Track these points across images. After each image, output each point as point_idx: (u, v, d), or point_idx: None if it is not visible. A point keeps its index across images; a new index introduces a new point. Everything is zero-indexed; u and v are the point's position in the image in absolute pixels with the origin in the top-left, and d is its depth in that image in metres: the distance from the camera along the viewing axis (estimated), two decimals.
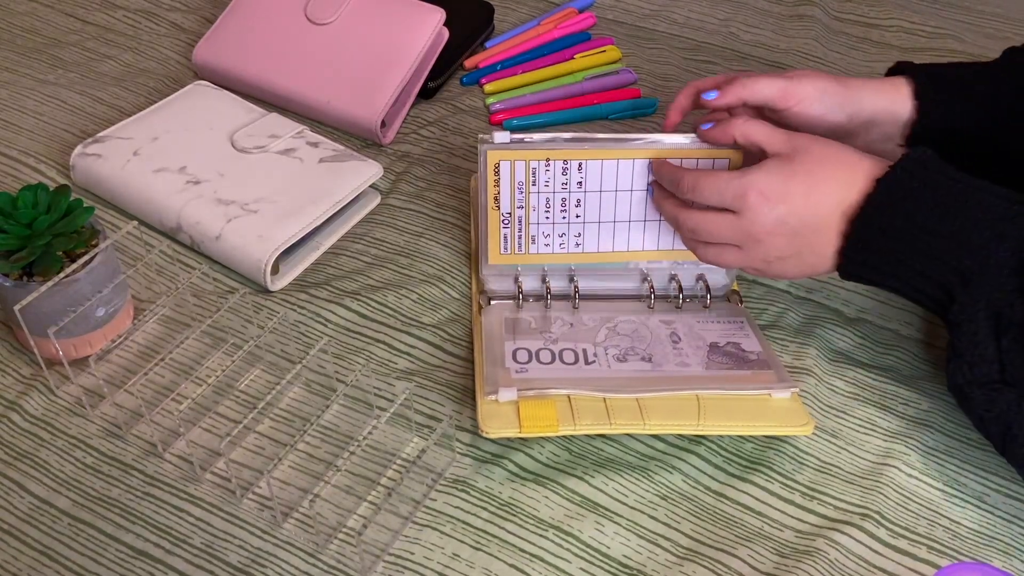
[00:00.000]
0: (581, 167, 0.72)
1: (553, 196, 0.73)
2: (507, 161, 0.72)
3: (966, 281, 0.58)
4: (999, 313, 0.57)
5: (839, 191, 0.62)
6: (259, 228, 0.77)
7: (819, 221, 0.63)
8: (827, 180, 0.63)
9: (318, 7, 0.94)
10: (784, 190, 0.63)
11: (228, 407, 0.69)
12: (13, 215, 0.66)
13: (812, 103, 0.69)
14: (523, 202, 0.73)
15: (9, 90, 0.97)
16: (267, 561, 0.60)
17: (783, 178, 0.63)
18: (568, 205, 0.73)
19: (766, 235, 0.63)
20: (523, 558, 0.60)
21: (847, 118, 0.71)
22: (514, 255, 0.74)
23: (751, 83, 0.69)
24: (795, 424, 0.65)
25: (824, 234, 0.63)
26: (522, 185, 0.72)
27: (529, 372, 0.67)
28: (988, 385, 0.57)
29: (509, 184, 0.72)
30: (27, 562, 0.60)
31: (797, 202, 0.63)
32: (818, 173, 0.63)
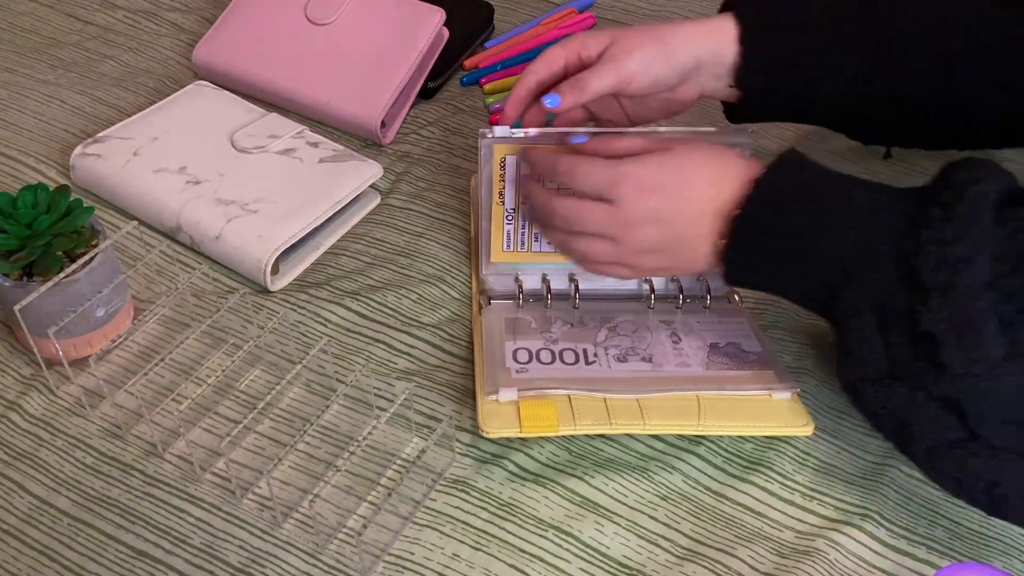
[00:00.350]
0: None
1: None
2: (514, 156, 0.72)
3: (849, 278, 0.57)
4: (884, 308, 0.55)
5: (712, 186, 0.62)
6: (259, 228, 0.77)
7: (693, 215, 0.63)
8: (700, 175, 0.63)
9: (318, 7, 0.94)
10: (658, 181, 0.63)
11: (228, 407, 0.69)
12: (13, 215, 0.66)
13: (642, 79, 0.69)
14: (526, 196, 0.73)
15: (9, 90, 0.97)
16: (267, 561, 0.60)
17: (657, 169, 0.63)
18: None
19: (639, 225, 0.63)
20: (523, 558, 0.60)
21: (677, 75, 0.70)
22: (516, 252, 0.74)
23: (585, 85, 0.68)
24: (796, 425, 0.65)
25: (698, 228, 0.63)
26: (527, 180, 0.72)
27: (529, 372, 0.67)
28: (879, 381, 0.56)
29: (515, 179, 0.73)
30: (27, 562, 0.60)
31: (670, 193, 0.63)
32: (691, 168, 0.63)
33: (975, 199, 0.54)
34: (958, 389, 0.53)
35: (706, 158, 0.64)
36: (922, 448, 0.56)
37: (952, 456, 0.55)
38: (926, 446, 0.56)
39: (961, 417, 0.53)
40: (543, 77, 0.71)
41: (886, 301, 0.56)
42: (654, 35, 0.70)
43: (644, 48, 0.69)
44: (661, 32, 0.70)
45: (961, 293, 0.52)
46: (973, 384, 0.52)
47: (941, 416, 0.54)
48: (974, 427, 0.53)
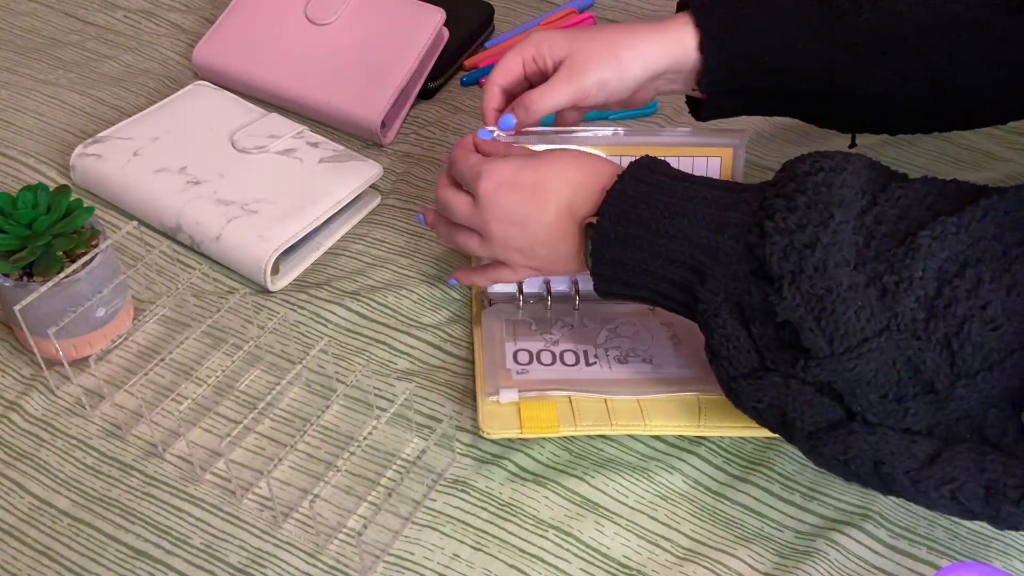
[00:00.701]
0: None
1: None
2: None
3: (702, 277, 0.57)
4: (741, 302, 0.56)
5: (565, 192, 0.63)
6: (259, 228, 0.77)
7: (549, 219, 0.63)
8: (558, 180, 0.63)
9: (318, 7, 0.94)
10: (514, 181, 0.63)
11: (228, 407, 0.69)
12: (13, 215, 0.66)
13: (597, 95, 0.70)
14: None
15: (9, 90, 0.97)
16: (267, 561, 0.60)
17: (515, 169, 0.64)
18: None
19: (496, 222, 0.64)
20: (523, 558, 0.60)
21: (631, 88, 0.71)
22: None
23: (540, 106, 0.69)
24: None
25: (557, 231, 0.63)
26: None
27: (530, 373, 0.67)
28: (751, 375, 0.56)
29: None
30: (27, 562, 0.60)
31: (527, 192, 0.63)
32: (548, 172, 0.63)
33: (815, 188, 0.54)
34: (827, 371, 0.52)
35: (566, 163, 0.64)
36: (804, 434, 0.55)
37: (834, 438, 0.54)
38: (807, 431, 0.55)
39: (836, 398, 0.53)
40: (504, 85, 0.72)
41: (742, 295, 0.56)
42: (611, 50, 0.69)
43: (599, 66, 0.69)
44: (617, 45, 0.69)
45: (810, 277, 0.52)
46: (840, 365, 0.52)
47: (817, 400, 0.54)
48: (850, 406, 0.53)
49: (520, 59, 0.72)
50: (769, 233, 0.54)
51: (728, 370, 0.57)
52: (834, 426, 0.54)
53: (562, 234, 0.63)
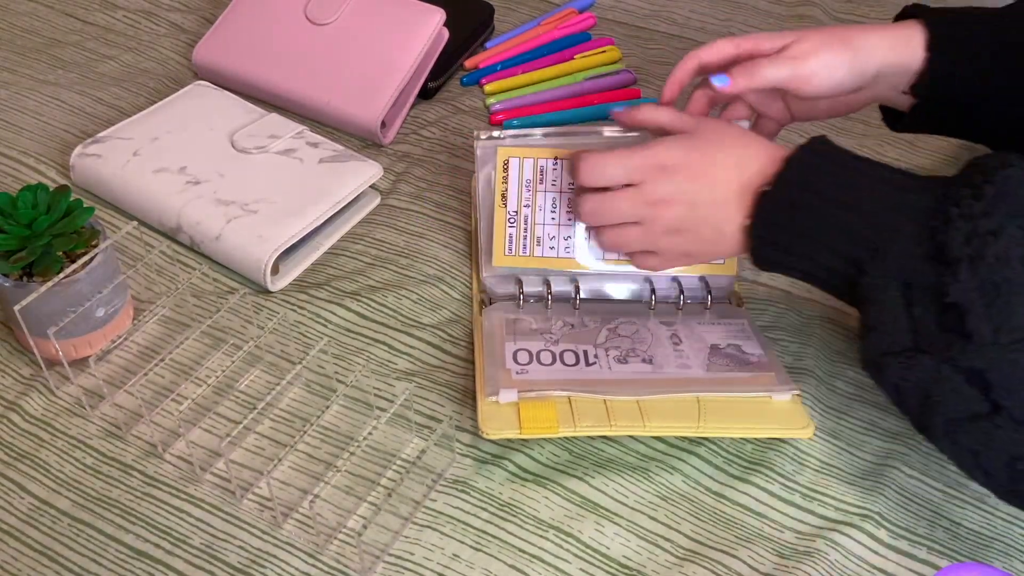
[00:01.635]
0: None
1: (560, 196, 0.73)
2: (516, 158, 0.72)
3: (875, 252, 0.58)
4: (909, 283, 0.56)
5: (738, 166, 0.63)
6: (259, 228, 0.77)
7: (718, 194, 0.63)
8: (726, 156, 0.64)
9: (318, 7, 0.94)
10: (683, 161, 0.64)
11: (228, 408, 0.69)
12: (13, 215, 0.66)
13: (822, 81, 0.67)
14: (530, 200, 0.73)
15: (9, 90, 0.97)
16: (267, 561, 0.60)
17: (683, 150, 0.64)
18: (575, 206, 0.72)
19: (664, 205, 0.64)
20: (523, 559, 0.60)
21: (858, 81, 0.68)
22: (518, 257, 0.74)
23: (758, 71, 0.67)
24: (796, 427, 0.65)
25: (724, 208, 0.63)
26: (530, 183, 0.73)
27: (530, 373, 0.67)
28: (903, 354, 0.57)
29: (517, 182, 0.73)
30: (27, 562, 0.60)
31: (695, 172, 0.63)
32: (716, 149, 0.64)
33: (1004, 180, 0.55)
34: (984, 360, 0.53)
35: (732, 139, 0.65)
36: (943, 421, 0.56)
37: (974, 429, 0.55)
38: (947, 418, 0.56)
39: (985, 389, 0.54)
40: (707, 62, 0.70)
41: (912, 275, 0.56)
42: (841, 38, 0.67)
43: (829, 50, 0.66)
44: (849, 35, 0.67)
45: (989, 264, 0.53)
46: (999, 355, 0.53)
47: (965, 388, 0.54)
48: (998, 399, 0.53)
49: (734, 45, 0.69)
50: (953, 218, 0.55)
51: (879, 345, 0.58)
52: (976, 417, 0.54)
53: (730, 211, 0.63)
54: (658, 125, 0.67)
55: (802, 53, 0.66)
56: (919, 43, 0.68)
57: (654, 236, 0.65)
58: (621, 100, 0.97)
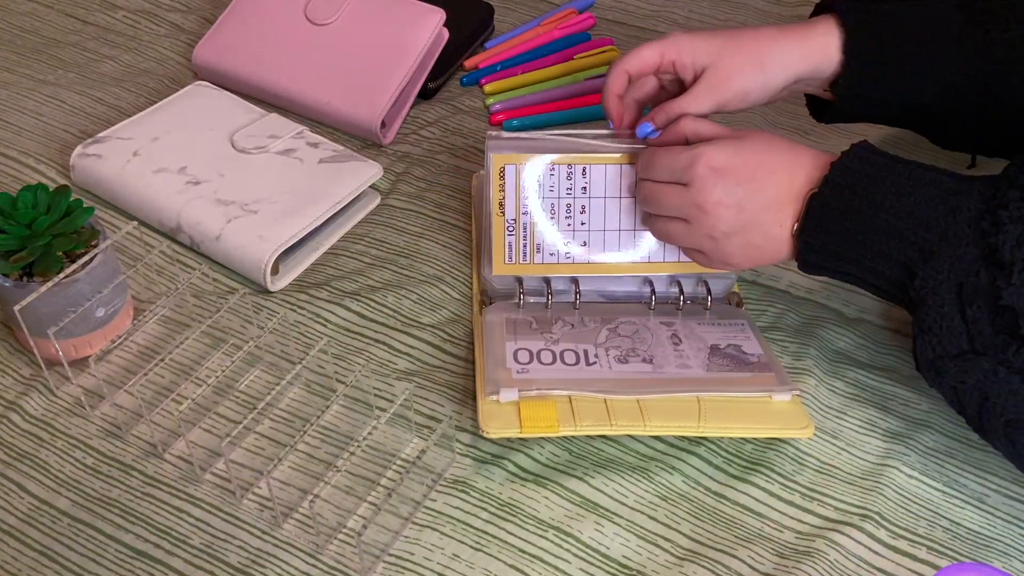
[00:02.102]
0: (585, 172, 0.72)
1: (558, 202, 0.73)
2: (512, 165, 0.72)
3: (927, 255, 0.58)
4: (962, 284, 0.57)
5: (786, 172, 0.64)
6: (259, 228, 0.77)
7: (766, 199, 0.63)
8: (774, 162, 0.64)
9: (318, 7, 0.94)
10: (732, 164, 0.64)
11: (228, 408, 0.69)
12: (13, 215, 0.66)
13: (738, 104, 0.71)
14: (528, 208, 0.73)
15: (9, 90, 0.97)
16: (267, 561, 0.60)
17: (731, 153, 0.64)
18: (573, 211, 0.73)
19: (712, 206, 0.64)
20: (523, 559, 0.60)
21: (772, 95, 0.71)
22: (518, 265, 0.73)
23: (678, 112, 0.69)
24: (796, 427, 0.65)
25: (773, 213, 0.63)
26: (527, 190, 0.72)
27: (530, 373, 0.67)
28: (960, 356, 0.57)
29: (515, 190, 0.72)
30: (27, 562, 0.60)
31: (743, 176, 0.64)
32: (765, 155, 0.64)
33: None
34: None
35: (780, 145, 0.65)
36: (1002, 421, 0.57)
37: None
38: (1006, 419, 0.57)
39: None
40: (633, 72, 0.72)
41: (965, 277, 0.57)
42: (755, 58, 0.69)
43: (742, 76, 0.69)
44: (762, 53, 0.70)
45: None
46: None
47: (1022, 390, 0.55)
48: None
49: (659, 54, 0.71)
50: (1003, 221, 0.56)
51: (936, 348, 0.58)
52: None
53: (777, 214, 0.63)
54: (700, 137, 0.67)
55: (719, 81, 0.69)
56: (834, 48, 0.70)
57: (699, 237, 0.66)
58: None
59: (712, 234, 0.65)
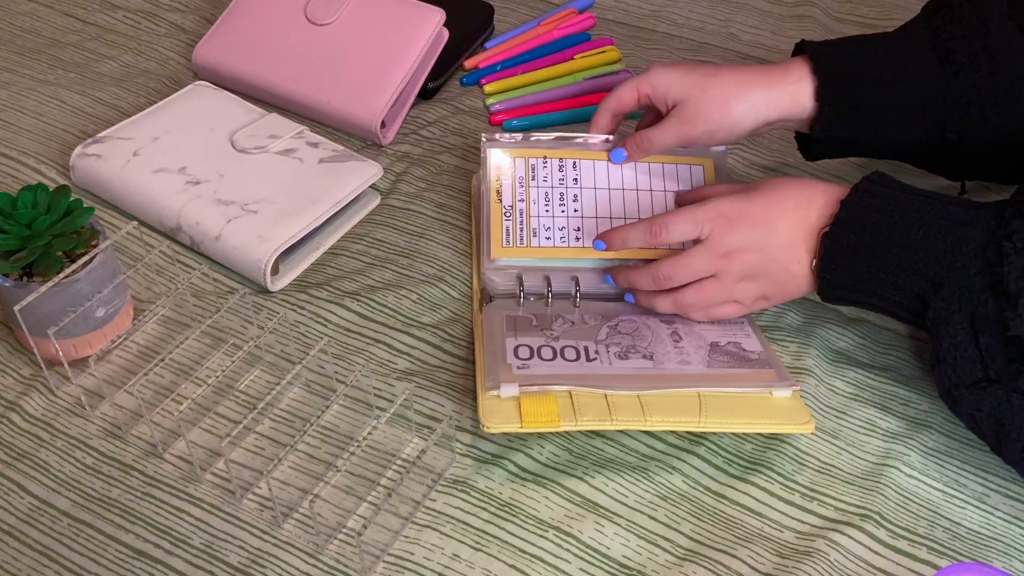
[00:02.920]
0: (576, 165, 0.77)
1: (552, 191, 0.77)
2: (508, 158, 0.77)
3: (937, 287, 0.60)
4: (973, 313, 0.58)
5: (799, 209, 0.65)
6: (259, 228, 0.77)
7: (783, 239, 0.65)
8: (785, 202, 0.66)
9: (318, 7, 0.94)
10: (745, 210, 0.66)
11: (228, 407, 0.69)
12: (13, 215, 0.66)
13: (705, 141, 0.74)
14: (524, 195, 0.76)
15: (9, 90, 0.97)
16: (267, 561, 0.60)
17: (743, 201, 0.67)
18: (566, 200, 0.76)
19: (734, 253, 0.66)
20: (523, 558, 0.60)
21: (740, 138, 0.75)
22: (516, 248, 0.75)
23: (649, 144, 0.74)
24: (797, 422, 0.65)
25: (792, 252, 0.65)
26: (523, 179, 0.76)
27: (531, 368, 0.67)
28: (975, 385, 0.59)
29: (511, 179, 0.76)
30: (27, 562, 0.60)
31: (758, 219, 0.66)
32: (775, 197, 0.67)
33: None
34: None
35: (789, 187, 0.67)
36: (1019, 447, 0.58)
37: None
38: (1022, 446, 0.58)
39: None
40: (615, 112, 0.77)
41: (975, 308, 0.58)
42: (722, 102, 0.72)
43: (710, 118, 0.72)
44: (728, 98, 0.72)
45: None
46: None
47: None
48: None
49: (636, 93, 0.75)
50: (1008, 253, 0.57)
51: (952, 377, 0.60)
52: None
53: (795, 252, 0.65)
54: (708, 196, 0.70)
55: (687, 119, 0.73)
56: (806, 94, 0.72)
57: (729, 285, 0.68)
58: None
59: (739, 280, 0.67)
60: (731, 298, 0.69)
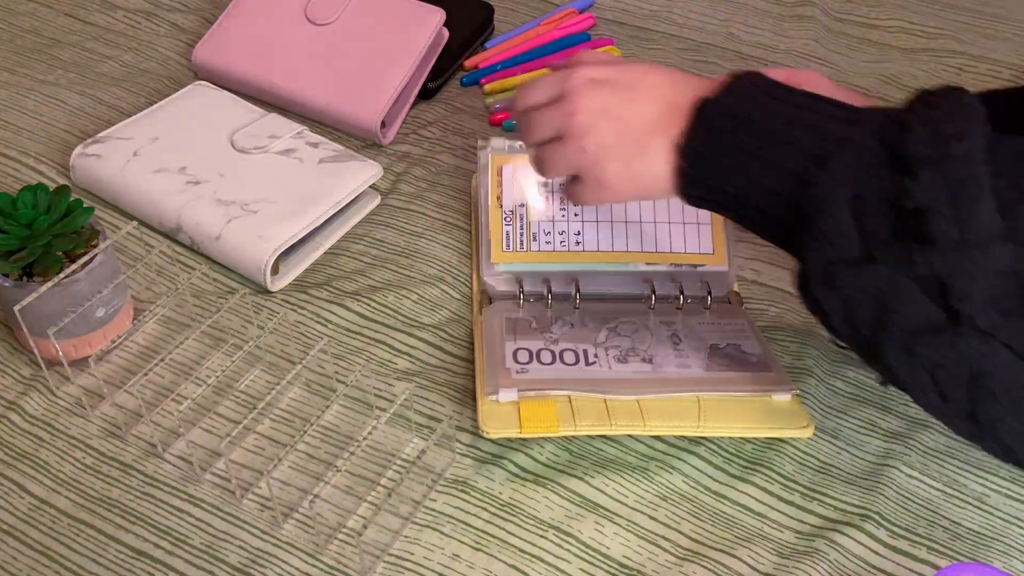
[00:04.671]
0: None
1: (552, 196, 0.76)
2: (509, 164, 0.77)
3: (822, 162, 0.54)
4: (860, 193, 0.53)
5: (670, 87, 0.60)
6: (259, 228, 0.77)
7: (647, 111, 0.59)
8: (658, 77, 0.61)
9: (318, 7, 0.94)
10: (612, 76, 0.61)
11: (228, 407, 0.69)
12: (13, 215, 0.66)
13: None
14: (524, 200, 0.76)
15: (9, 90, 0.97)
16: (267, 561, 0.60)
17: (612, 68, 0.62)
18: (567, 204, 0.76)
19: (586, 114, 0.60)
20: (523, 558, 0.60)
21: None
22: (516, 252, 0.75)
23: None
24: (796, 426, 0.65)
25: (653, 121, 0.59)
26: (523, 186, 0.76)
27: (530, 372, 0.67)
28: (855, 264, 0.53)
29: (511, 184, 0.76)
30: (27, 562, 0.60)
31: (622, 87, 0.60)
32: (651, 69, 0.61)
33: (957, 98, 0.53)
34: (947, 264, 0.50)
35: (663, 68, 0.62)
36: (900, 332, 0.52)
37: (936, 342, 0.51)
38: (906, 329, 0.52)
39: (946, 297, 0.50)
40: None
41: (866, 182, 0.53)
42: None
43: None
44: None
45: (956, 161, 0.50)
46: (961, 259, 0.49)
47: (921, 299, 0.51)
48: (960, 307, 0.50)
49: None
50: (912, 126, 0.52)
51: (828, 254, 0.53)
52: (937, 329, 0.51)
53: (658, 124, 0.59)
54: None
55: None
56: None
57: (573, 152, 0.61)
58: None
59: (586, 147, 0.60)
60: (574, 169, 0.62)
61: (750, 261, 0.80)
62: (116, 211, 0.84)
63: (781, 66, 0.98)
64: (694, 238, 0.76)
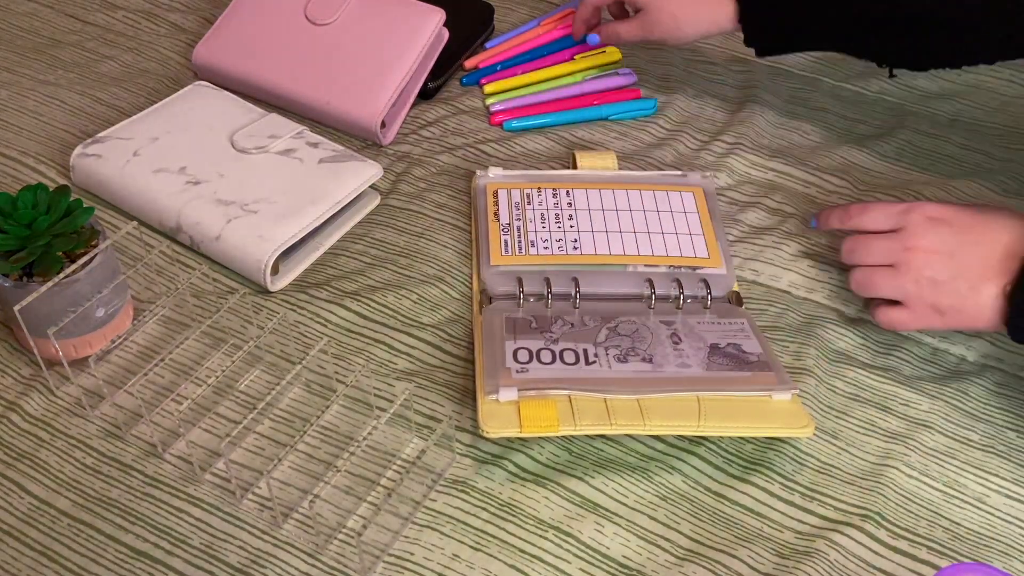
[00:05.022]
0: (569, 193, 0.81)
1: (548, 212, 0.79)
2: (504, 189, 0.81)
3: None
4: None
5: (1009, 230, 0.63)
6: (259, 228, 0.77)
7: (982, 252, 0.63)
8: (998, 220, 0.64)
9: (318, 7, 0.94)
10: (952, 216, 0.65)
11: (228, 408, 0.69)
12: (13, 215, 0.66)
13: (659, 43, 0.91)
14: (520, 217, 0.79)
15: (9, 90, 0.97)
16: (267, 562, 0.60)
17: (951, 208, 0.66)
18: (562, 219, 0.78)
19: (920, 251, 0.64)
20: (523, 559, 0.60)
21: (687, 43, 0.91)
22: (515, 256, 0.75)
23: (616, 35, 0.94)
24: (795, 426, 0.65)
25: (986, 267, 0.63)
26: (519, 205, 0.80)
27: (530, 372, 0.67)
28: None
29: (507, 204, 0.80)
30: (27, 562, 0.60)
31: (960, 228, 0.64)
32: (989, 216, 0.65)
33: None
34: None
35: (1007, 211, 0.65)
36: None
37: None
38: None
39: None
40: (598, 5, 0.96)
41: None
42: (672, 18, 0.88)
43: (662, 27, 0.89)
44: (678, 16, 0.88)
45: None
46: None
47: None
48: None
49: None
50: None
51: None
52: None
53: (990, 270, 0.63)
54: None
55: (647, 24, 0.90)
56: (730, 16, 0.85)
57: (903, 281, 0.66)
58: (621, 100, 0.97)
59: (918, 278, 0.65)
60: (901, 295, 0.66)
61: (750, 261, 0.80)
62: (116, 211, 0.84)
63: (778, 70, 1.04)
64: (688, 247, 0.77)
